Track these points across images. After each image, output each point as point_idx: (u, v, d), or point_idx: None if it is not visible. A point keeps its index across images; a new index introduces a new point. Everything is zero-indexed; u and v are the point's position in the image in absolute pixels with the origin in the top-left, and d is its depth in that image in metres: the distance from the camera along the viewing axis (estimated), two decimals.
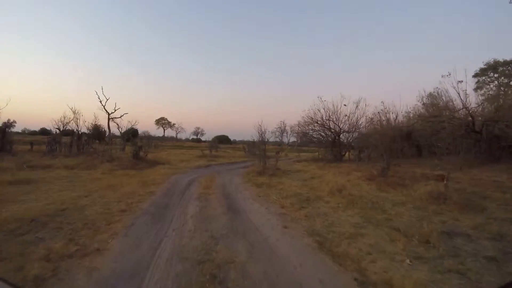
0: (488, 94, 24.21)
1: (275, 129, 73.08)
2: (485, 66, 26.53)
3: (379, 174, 12.12)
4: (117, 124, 22.09)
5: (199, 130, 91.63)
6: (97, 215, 5.44)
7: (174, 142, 68.33)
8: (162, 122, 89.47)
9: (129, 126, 26.32)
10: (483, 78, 27.45)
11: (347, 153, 24.53)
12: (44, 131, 52.53)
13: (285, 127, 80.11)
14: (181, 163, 16.87)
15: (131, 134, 63.14)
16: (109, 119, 40.28)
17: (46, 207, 5.82)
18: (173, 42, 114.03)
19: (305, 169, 16.66)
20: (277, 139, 69.73)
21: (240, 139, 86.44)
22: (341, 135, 24.67)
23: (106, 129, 35.64)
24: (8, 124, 16.66)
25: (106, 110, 36.57)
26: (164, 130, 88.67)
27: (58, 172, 11.30)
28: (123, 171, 11.94)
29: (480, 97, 21.07)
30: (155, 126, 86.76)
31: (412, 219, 5.41)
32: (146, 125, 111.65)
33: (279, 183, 10.27)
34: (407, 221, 5.29)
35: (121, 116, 40.51)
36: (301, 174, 13.98)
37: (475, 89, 26.58)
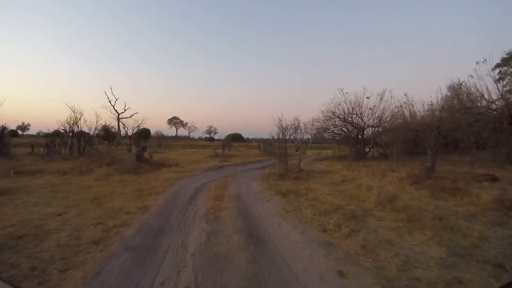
0: None
1: (289, 126, 71.13)
2: (507, 56, 23.24)
3: (424, 175, 9.99)
4: (123, 124, 20.67)
5: (212, 129, 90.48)
6: (56, 251, 3.70)
7: (187, 141, 67.28)
8: (174, 121, 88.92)
9: (136, 126, 24.79)
10: (505, 68, 24.11)
11: (370, 150, 22.27)
12: (58, 133, 52.31)
13: (298, 123, 77.53)
14: (190, 165, 15.10)
15: (143, 134, 62.90)
16: (119, 119, 39.40)
17: None
18: (185, 41, 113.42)
19: (331, 169, 14.58)
20: (291, 137, 67.62)
21: (253, 137, 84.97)
22: (365, 131, 22.41)
23: (117, 129, 34.74)
24: (5, 126, 15.38)
25: (115, 110, 35.55)
26: (176, 129, 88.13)
27: (47, 179, 9.71)
28: (121, 176, 10.23)
29: (503, 88, 18.29)
30: (167, 126, 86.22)
31: (503, 244, 3.80)
32: (159, 125, 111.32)
33: (308, 189, 8.25)
34: (501, 248, 3.68)
35: (131, 116, 39.46)
36: (329, 175, 11.93)
37: (497, 80, 23.20)
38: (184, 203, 6.54)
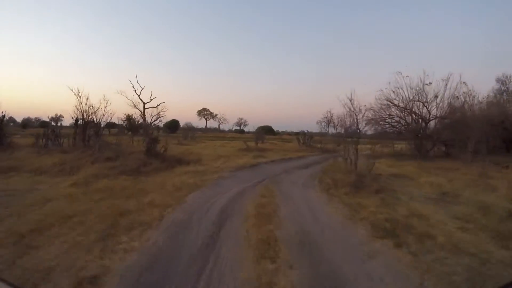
0: None
1: (321, 119, 65.76)
2: None
3: None
4: (141, 111, 17.85)
5: (242, 121, 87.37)
6: None
7: (217, 133, 64.77)
8: (204, 113, 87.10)
9: (155, 114, 21.92)
10: None
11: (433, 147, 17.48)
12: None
13: (331, 117, 71.77)
14: (216, 161, 11.58)
15: (172, 125, 61.44)
16: (144, 108, 37.73)
17: None
18: (218, 33, 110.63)
19: (402, 172, 10.63)
20: (323, 130, 62.48)
21: (282, 129, 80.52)
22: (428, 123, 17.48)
23: (141, 119, 32.67)
24: (4, 114, 13.00)
25: (141, 99, 33.78)
26: (206, 121, 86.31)
27: (8, 182, 6.68)
28: (114, 179, 6.97)
29: None
30: (197, 117, 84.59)
31: None
32: (189, 117, 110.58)
33: (415, 216, 4.40)
34: None
35: (157, 106, 37.78)
36: (411, 184, 8.21)
37: None
38: (191, 261, 2.87)
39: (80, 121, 13.70)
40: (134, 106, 22.98)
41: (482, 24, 75.94)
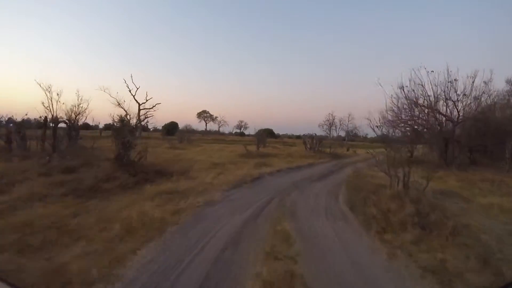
0: None
1: (323, 122, 62.85)
2: None
3: None
4: (125, 112, 15.68)
5: (242, 124, 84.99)
6: None
7: (217, 136, 62.36)
8: (204, 115, 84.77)
9: (144, 114, 19.71)
10: None
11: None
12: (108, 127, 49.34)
13: (333, 119, 68.76)
14: (209, 173, 9.15)
15: (170, 127, 58.91)
16: (139, 109, 35.01)
17: None
18: (218, 34, 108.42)
19: (448, 187, 8.36)
20: (325, 133, 59.68)
21: (283, 133, 78.12)
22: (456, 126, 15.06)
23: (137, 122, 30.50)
24: None
25: (136, 100, 31.38)
26: (206, 123, 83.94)
27: None
28: (54, 203, 4.71)
29: None
30: (196, 120, 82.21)
31: None
32: (189, 119, 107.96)
33: None
34: None
35: (153, 107, 35.14)
36: (475, 207, 5.83)
37: None
38: None
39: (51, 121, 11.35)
40: (118, 104, 20.50)
41: (488, 23, 73.37)
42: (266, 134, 42.85)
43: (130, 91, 30.30)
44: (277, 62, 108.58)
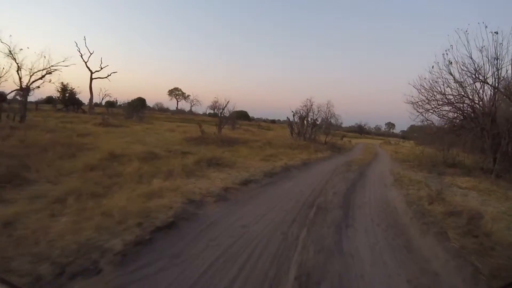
0: None
1: (300, 108, 57.59)
2: None
3: None
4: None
5: (217, 105, 77.31)
6: None
7: (187, 116, 54.35)
8: (176, 93, 75.86)
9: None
10: None
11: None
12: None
13: (311, 105, 63.52)
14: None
15: (136, 103, 50.78)
16: (91, 78, 27.85)
17: None
18: (195, 8, 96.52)
19: None
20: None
21: (258, 116, 72.25)
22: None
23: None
24: None
25: (88, 68, 26.35)
26: (177, 102, 75.27)
27: None
28: None
29: None
30: (168, 98, 73.27)
31: None
32: (160, 97, 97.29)
33: None
34: None
35: (108, 76, 28.28)
36: None
37: None
38: None
39: None
40: (10, 54, 13.84)
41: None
42: (239, 117, 36.53)
43: (82, 56, 25.36)
44: (259, 46, 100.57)
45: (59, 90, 25.45)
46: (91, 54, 26.08)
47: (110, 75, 27.44)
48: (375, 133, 68.83)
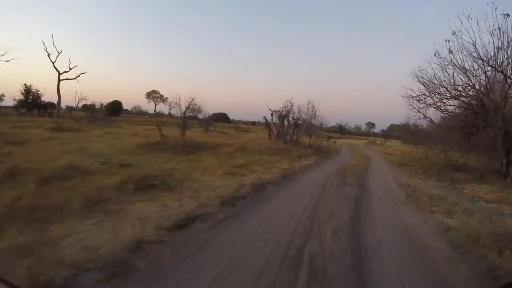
0: None
1: (281, 109, 56.28)
2: None
3: None
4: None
5: (196, 107, 74.11)
6: None
7: (166, 119, 51.16)
8: (154, 95, 72.17)
9: None
10: None
11: None
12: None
13: (291, 106, 62.39)
14: None
15: (113, 107, 47.48)
16: (59, 80, 25.37)
17: None
18: (168, 12, 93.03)
19: None
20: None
21: (239, 119, 70.55)
22: None
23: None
24: None
25: (56, 68, 23.77)
26: (155, 104, 71.57)
27: None
28: None
29: None
30: (146, 100, 69.57)
31: None
32: (140, 100, 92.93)
33: None
34: None
35: (77, 77, 25.56)
36: None
37: None
38: None
39: None
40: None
41: None
42: (216, 119, 34.33)
43: (49, 56, 22.63)
44: (239, 49, 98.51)
45: (23, 92, 23.96)
46: (59, 53, 23.84)
47: (79, 76, 25.00)
48: (356, 133, 68.76)
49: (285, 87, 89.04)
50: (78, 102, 41.21)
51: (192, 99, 11.83)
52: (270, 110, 12.44)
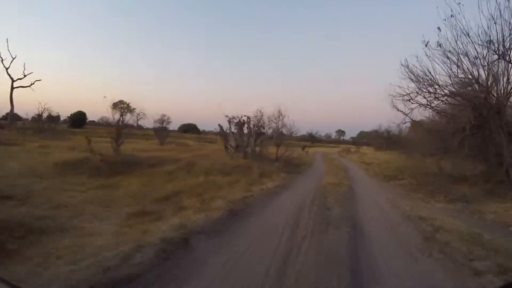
0: None
1: (253, 118, 54.86)
2: None
3: None
4: None
5: (165, 118, 70.09)
6: None
7: (132, 131, 46.55)
8: (120, 106, 67.07)
9: None
10: None
11: None
12: None
13: (262, 116, 61.06)
14: None
15: (76, 118, 42.57)
16: (12, 88, 24.74)
17: None
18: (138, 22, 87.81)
19: None
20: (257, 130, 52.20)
21: (210, 129, 68.30)
22: None
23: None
24: None
25: (9, 75, 23.19)
26: (122, 115, 66.55)
27: None
28: None
29: None
30: (112, 111, 64.70)
31: None
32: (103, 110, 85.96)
33: None
34: None
35: (31, 85, 24.49)
36: None
37: None
38: None
39: None
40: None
41: None
42: (185, 130, 31.56)
43: (2, 61, 21.88)
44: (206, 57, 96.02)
45: None
46: (13, 59, 22.82)
47: (33, 83, 23.97)
48: (326, 141, 68.97)
49: (257, 98, 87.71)
50: (42, 113, 37.72)
51: (129, 107, 9.42)
52: (227, 116, 10.26)
